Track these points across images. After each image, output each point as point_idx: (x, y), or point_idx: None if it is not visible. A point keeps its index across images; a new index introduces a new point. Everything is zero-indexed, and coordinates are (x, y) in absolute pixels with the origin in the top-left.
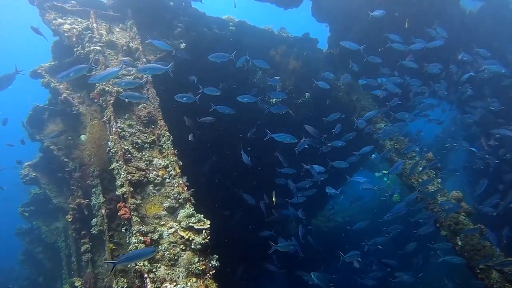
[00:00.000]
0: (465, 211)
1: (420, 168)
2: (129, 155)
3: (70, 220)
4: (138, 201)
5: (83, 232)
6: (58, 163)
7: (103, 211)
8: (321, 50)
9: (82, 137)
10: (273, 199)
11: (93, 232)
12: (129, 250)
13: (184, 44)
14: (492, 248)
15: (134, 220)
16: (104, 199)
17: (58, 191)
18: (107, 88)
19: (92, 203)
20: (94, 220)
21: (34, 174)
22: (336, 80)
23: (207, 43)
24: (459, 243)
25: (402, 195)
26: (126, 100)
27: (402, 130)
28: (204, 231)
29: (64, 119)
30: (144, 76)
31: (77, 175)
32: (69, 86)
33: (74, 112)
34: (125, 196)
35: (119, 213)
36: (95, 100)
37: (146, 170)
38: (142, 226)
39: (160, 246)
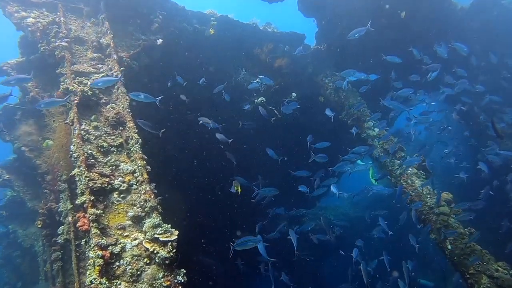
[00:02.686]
0: (455, 213)
1: (409, 170)
2: (93, 160)
3: (39, 226)
4: (99, 210)
5: (54, 239)
6: (30, 165)
7: (70, 218)
8: (309, 46)
9: (47, 142)
10: (238, 189)
11: (59, 241)
12: (88, 265)
13: (161, 40)
14: (482, 252)
15: (93, 232)
16: (72, 206)
17: (33, 194)
18: (71, 87)
19: (59, 210)
20: (61, 228)
21: (7, 176)
22: (324, 77)
23: (187, 38)
24: (449, 246)
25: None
26: (97, 91)
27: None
28: (170, 243)
29: (38, 120)
30: (114, 73)
31: (49, 178)
32: (38, 85)
33: (43, 112)
34: (84, 206)
35: (77, 225)
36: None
37: (111, 176)
38: (102, 239)
39: (121, 261)
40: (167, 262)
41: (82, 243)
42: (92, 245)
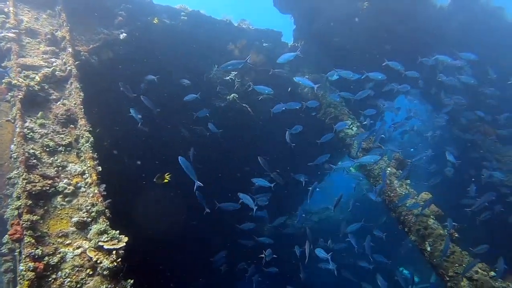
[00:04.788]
0: (434, 214)
1: (388, 170)
2: (35, 161)
3: None
4: (36, 216)
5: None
6: None
7: None
8: (286, 44)
9: None
10: (165, 179)
11: (3, 250)
12: (19, 277)
13: (125, 34)
14: (462, 253)
15: (26, 241)
16: (18, 212)
17: None
18: (14, 82)
19: (5, 216)
20: (6, 236)
21: None
22: (301, 75)
23: (156, 34)
24: (428, 248)
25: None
26: (46, 86)
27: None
28: (115, 251)
29: None
30: (68, 68)
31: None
32: None
33: None
34: (19, 211)
35: (7, 234)
36: (3, 96)
37: (55, 178)
38: (37, 248)
39: (59, 273)
40: (109, 272)
41: (15, 254)
42: (24, 256)
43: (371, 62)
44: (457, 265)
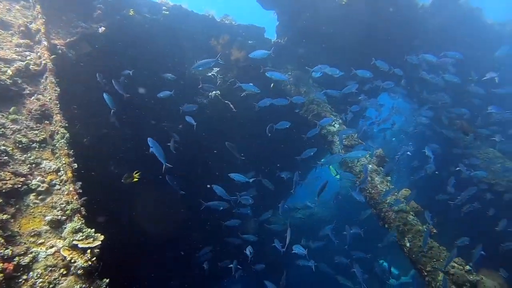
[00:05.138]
0: (414, 210)
1: (370, 166)
2: (6, 157)
3: None
4: (7, 215)
5: None
6: None
7: None
8: (269, 40)
9: None
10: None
11: None
12: None
13: (103, 28)
14: (440, 248)
15: None
16: None
17: None
18: None
19: None
20: None
21: None
22: (284, 71)
23: (136, 29)
24: (407, 244)
25: None
26: (19, 80)
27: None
28: (90, 250)
29: None
30: (43, 62)
31: None
32: None
33: None
34: None
35: None
36: None
37: (28, 176)
38: (6, 249)
39: (31, 273)
40: (84, 272)
41: None
42: None
43: (355, 59)
44: (434, 260)
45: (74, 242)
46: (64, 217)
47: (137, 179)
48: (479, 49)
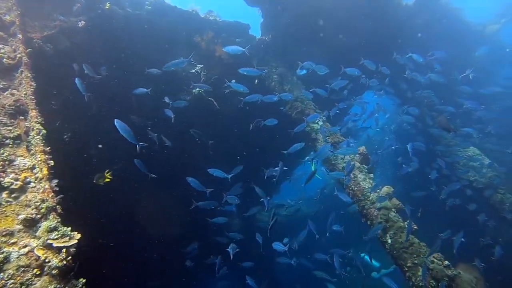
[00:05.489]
0: (396, 207)
1: (352, 163)
2: None
3: None
4: None
5: None
6: None
7: None
8: (254, 37)
9: None
10: (106, 179)
11: None
12: None
13: (83, 22)
14: (420, 244)
15: None
16: None
17: None
18: None
19: None
20: None
21: None
22: (269, 69)
23: (118, 24)
24: (389, 240)
25: None
26: None
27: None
28: (65, 249)
29: None
30: (17, 55)
31: None
32: None
33: None
34: None
35: None
36: None
37: (1, 173)
38: None
39: (1, 274)
40: (59, 272)
41: None
42: None
43: (339, 56)
44: (415, 255)
45: (49, 241)
46: (38, 216)
47: (108, 179)
48: (460, 49)
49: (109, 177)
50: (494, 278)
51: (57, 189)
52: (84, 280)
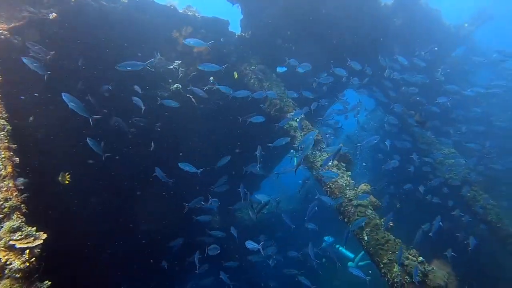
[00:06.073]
0: (372, 205)
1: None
2: None
3: None
4: None
5: None
6: None
7: None
8: (233, 34)
9: None
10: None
11: None
12: None
13: (55, 14)
14: (395, 241)
15: None
16: None
17: None
18: None
19: None
20: None
21: None
22: (248, 66)
23: (91, 18)
24: (365, 238)
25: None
26: None
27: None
28: (28, 250)
29: None
30: None
31: None
32: None
33: None
34: None
35: None
36: None
37: None
38: None
39: None
40: (21, 274)
41: None
42: None
43: (319, 54)
44: (390, 252)
45: (11, 242)
46: (1, 215)
47: (68, 181)
48: (439, 49)
49: (68, 179)
50: (468, 274)
51: (23, 187)
52: (50, 283)
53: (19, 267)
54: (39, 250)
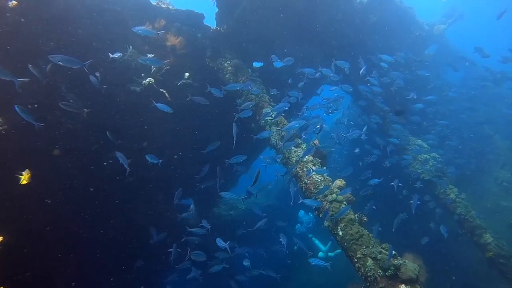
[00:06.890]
0: (347, 200)
1: (306, 157)
2: None
3: None
4: None
5: None
6: None
7: None
8: (208, 27)
9: None
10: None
11: None
12: None
13: (15, 2)
14: (369, 236)
15: None
16: None
17: None
18: None
19: None
20: None
21: None
22: (223, 60)
23: (57, 9)
24: (340, 233)
25: None
26: None
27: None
28: None
29: None
30: None
31: None
32: None
33: None
34: None
35: None
36: None
37: None
38: None
39: None
40: None
41: None
42: None
43: (296, 50)
44: (364, 247)
45: None
46: None
47: (25, 182)
48: (412, 46)
49: (26, 179)
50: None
51: None
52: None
53: None
54: None
